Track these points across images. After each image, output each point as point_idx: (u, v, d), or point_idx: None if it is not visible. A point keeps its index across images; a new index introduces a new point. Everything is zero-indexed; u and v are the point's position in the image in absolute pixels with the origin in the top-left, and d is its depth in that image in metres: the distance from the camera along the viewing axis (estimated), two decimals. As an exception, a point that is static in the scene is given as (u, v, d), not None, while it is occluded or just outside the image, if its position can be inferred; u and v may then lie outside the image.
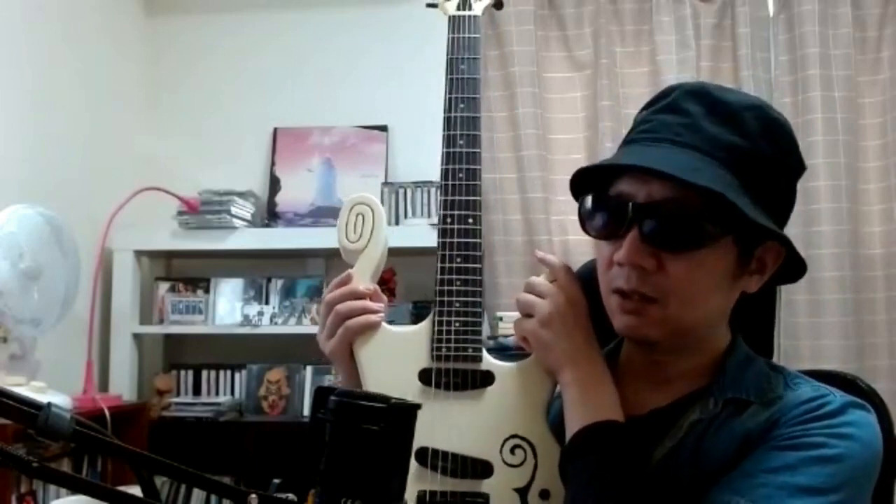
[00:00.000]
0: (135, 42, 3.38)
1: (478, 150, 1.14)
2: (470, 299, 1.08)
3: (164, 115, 3.40)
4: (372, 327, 1.08)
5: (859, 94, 3.02)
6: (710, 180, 0.87)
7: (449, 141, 1.15)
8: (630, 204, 0.91)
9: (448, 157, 1.14)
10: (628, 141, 0.99)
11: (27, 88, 2.72)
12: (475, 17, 1.22)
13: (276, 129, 3.33)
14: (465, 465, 1.03)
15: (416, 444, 0.67)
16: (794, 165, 0.97)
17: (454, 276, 1.09)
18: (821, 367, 2.62)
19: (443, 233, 1.11)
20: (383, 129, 3.28)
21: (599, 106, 3.04)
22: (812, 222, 2.90)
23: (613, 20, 3.13)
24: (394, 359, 1.08)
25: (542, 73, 3.12)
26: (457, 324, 1.07)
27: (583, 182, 1.00)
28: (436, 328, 1.08)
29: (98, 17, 3.13)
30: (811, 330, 2.92)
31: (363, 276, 1.10)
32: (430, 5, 1.28)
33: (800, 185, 0.99)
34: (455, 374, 1.06)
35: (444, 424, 1.04)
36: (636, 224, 0.91)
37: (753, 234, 0.92)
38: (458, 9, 1.22)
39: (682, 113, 0.93)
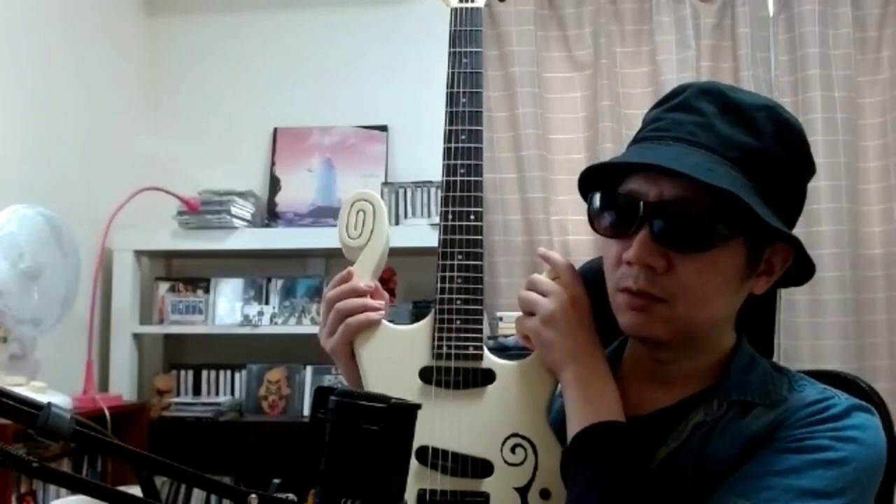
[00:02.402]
0: (134, 42, 3.38)
1: (480, 146, 1.12)
2: (471, 297, 1.07)
3: (164, 115, 3.40)
4: (372, 325, 1.07)
5: (859, 94, 3.02)
6: (723, 180, 0.87)
7: (450, 136, 1.13)
8: (641, 203, 0.91)
9: (449, 153, 1.12)
10: (638, 139, 0.98)
11: (27, 88, 2.72)
12: (477, 9, 1.19)
13: (276, 129, 3.33)
14: (465, 463, 1.03)
15: (416, 443, 0.67)
16: (804, 167, 0.96)
17: (455, 274, 1.08)
18: (821, 367, 2.62)
19: (444, 230, 1.10)
20: (383, 129, 3.28)
21: (599, 106, 3.04)
22: (812, 222, 2.90)
23: (613, 20, 3.13)
24: (394, 357, 1.07)
25: (542, 73, 3.12)
26: (458, 322, 1.06)
27: (591, 179, 0.99)
28: (436, 326, 1.07)
29: (98, 17, 3.13)
30: (811, 330, 2.92)
31: (364, 273, 1.09)
32: None
33: (800, 185, 0.99)
34: (456, 372, 1.05)
35: (445, 423, 1.03)
36: (646, 223, 0.90)
37: (763, 235, 0.92)
38: (461, 1, 1.20)
39: (694, 112, 0.93)
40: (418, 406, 0.66)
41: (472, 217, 1.10)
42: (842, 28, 3.01)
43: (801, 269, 0.96)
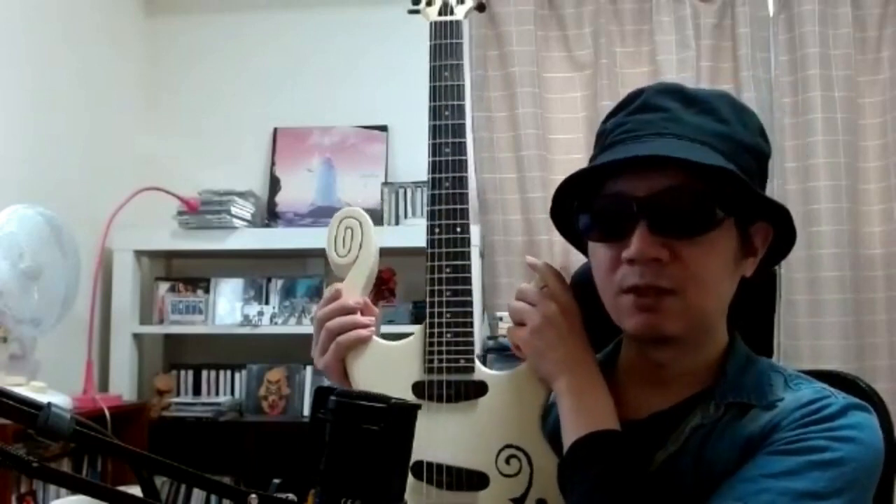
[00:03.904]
0: (134, 42, 3.38)
1: (464, 158, 1.12)
2: (460, 310, 1.07)
3: (164, 115, 3.40)
4: (363, 342, 1.07)
5: (859, 94, 3.02)
6: (715, 161, 0.88)
7: (435, 150, 1.13)
8: (632, 200, 0.90)
9: (434, 167, 1.13)
10: (608, 145, 0.97)
11: (27, 88, 2.72)
12: (457, 22, 1.20)
13: (276, 129, 3.33)
14: (460, 477, 1.02)
15: (411, 458, 0.67)
16: (767, 149, 0.98)
17: (444, 287, 1.08)
18: (821, 367, 2.62)
19: (431, 243, 1.10)
20: (383, 129, 3.28)
21: (599, 106, 3.04)
22: (812, 222, 2.90)
23: (613, 20, 3.13)
24: (386, 372, 1.07)
25: (542, 73, 3.12)
26: (448, 335, 1.06)
27: (566, 192, 0.98)
28: (427, 340, 1.07)
29: (98, 17, 3.13)
30: (811, 330, 2.92)
31: (353, 290, 1.09)
32: (411, 11, 1.26)
33: (800, 185, 1.00)
34: (448, 385, 1.05)
35: (439, 437, 1.03)
36: (643, 217, 0.90)
37: (749, 213, 0.93)
38: (440, 14, 1.20)
39: (658, 109, 0.93)
40: (418, 406, 0.66)
41: (458, 230, 1.10)
42: (842, 28, 3.01)
43: (781, 243, 0.97)
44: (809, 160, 2.93)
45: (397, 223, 3.06)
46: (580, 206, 0.97)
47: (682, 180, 0.89)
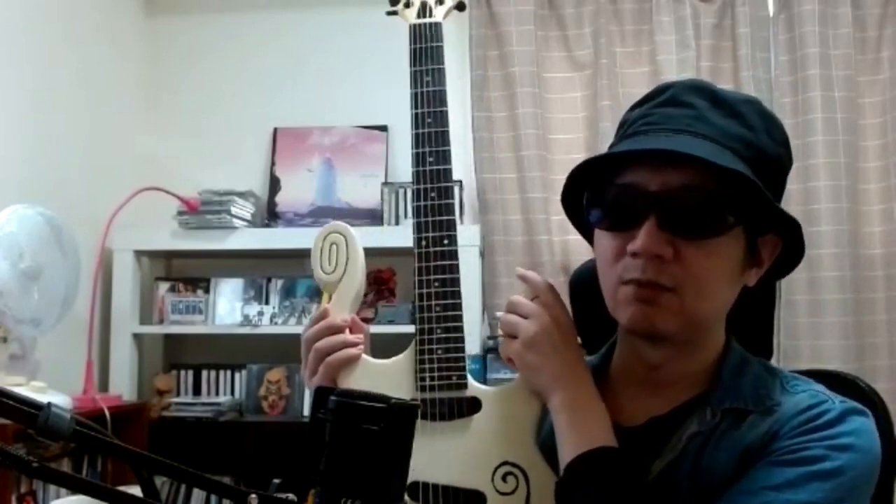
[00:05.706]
0: (134, 42, 3.37)
1: (448, 167, 1.09)
2: (451, 325, 1.05)
3: (164, 115, 3.40)
4: (353, 361, 1.05)
5: (859, 94, 3.02)
6: (735, 166, 0.87)
7: (418, 159, 1.10)
8: (645, 193, 0.89)
9: (419, 177, 1.10)
10: (630, 134, 0.95)
11: (27, 88, 2.72)
12: (437, 24, 1.16)
13: (276, 129, 3.33)
14: (457, 497, 1.00)
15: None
16: (788, 160, 0.97)
17: (433, 302, 1.06)
18: (821, 367, 2.62)
19: (418, 257, 1.07)
20: (383, 129, 3.28)
21: (599, 106, 3.04)
22: (812, 222, 2.90)
23: (613, 20, 3.13)
24: (378, 391, 1.06)
25: (542, 73, 3.12)
26: (439, 351, 1.04)
27: (580, 178, 0.97)
28: (418, 358, 1.05)
29: (97, 17, 3.13)
30: (811, 330, 2.92)
31: (341, 308, 1.07)
32: (389, 13, 1.21)
33: (800, 185, 0.99)
34: (441, 403, 1.03)
35: (434, 456, 1.01)
36: (653, 212, 0.89)
37: (760, 224, 0.92)
38: (419, 16, 1.17)
39: (686, 106, 0.92)
40: (418, 406, 0.66)
41: (445, 242, 1.08)
42: (842, 28, 3.01)
43: (788, 257, 0.97)
44: (809, 160, 2.92)
45: (397, 223, 3.06)
46: (592, 194, 0.96)
47: (697, 180, 0.88)
